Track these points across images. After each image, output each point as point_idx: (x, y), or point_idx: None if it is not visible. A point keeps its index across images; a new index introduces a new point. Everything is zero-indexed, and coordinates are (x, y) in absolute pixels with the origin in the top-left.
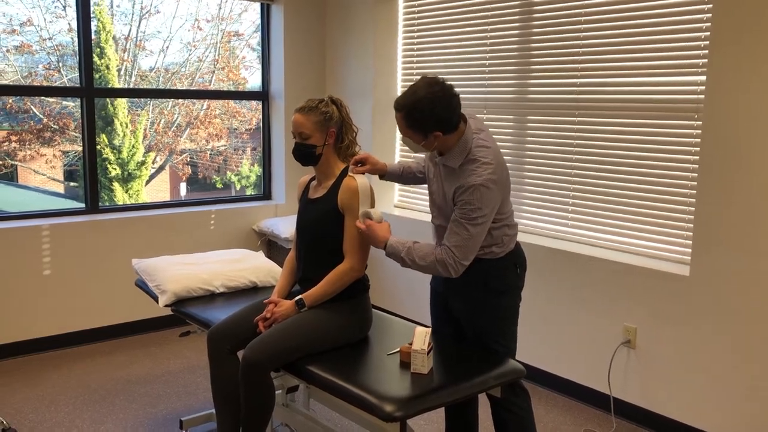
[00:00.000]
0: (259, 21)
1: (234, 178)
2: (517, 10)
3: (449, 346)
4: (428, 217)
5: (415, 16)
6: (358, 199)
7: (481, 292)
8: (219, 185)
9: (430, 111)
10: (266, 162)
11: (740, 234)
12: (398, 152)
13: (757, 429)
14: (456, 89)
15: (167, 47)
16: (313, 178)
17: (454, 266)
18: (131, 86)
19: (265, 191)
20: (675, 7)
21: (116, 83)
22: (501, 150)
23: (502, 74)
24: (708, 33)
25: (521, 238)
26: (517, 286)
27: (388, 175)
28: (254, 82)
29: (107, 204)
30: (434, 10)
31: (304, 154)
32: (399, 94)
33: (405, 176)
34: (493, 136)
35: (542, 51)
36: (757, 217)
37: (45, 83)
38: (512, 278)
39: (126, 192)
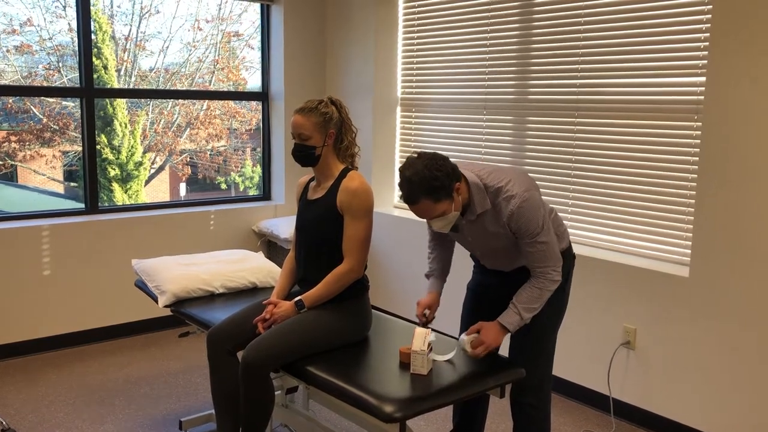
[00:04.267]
0: (259, 21)
1: (238, 179)
2: (517, 10)
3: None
4: None
5: (415, 16)
6: (357, 200)
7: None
8: (223, 186)
9: (437, 169)
10: (266, 162)
11: (740, 235)
12: (398, 151)
13: (757, 430)
14: (456, 90)
15: (167, 47)
16: (312, 179)
17: (557, 272)
18: (131, 86)
19: (264, 192)
20: (675, 8)
21: (114, 83)
22: (500, 150)
23: (501, 74)
24: (707, 34)
25: None
26: (569, 281)
27: (442, 283)
28: (254, 82)
29: (107, 204)
30: (434, 11)
31: (303, 155)
32: (399, 93)
33: (447, 262)
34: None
35: (542, 51)
36: (757, 219)
37: (45, 83)
38: (568, 272)
39: (125, 192)
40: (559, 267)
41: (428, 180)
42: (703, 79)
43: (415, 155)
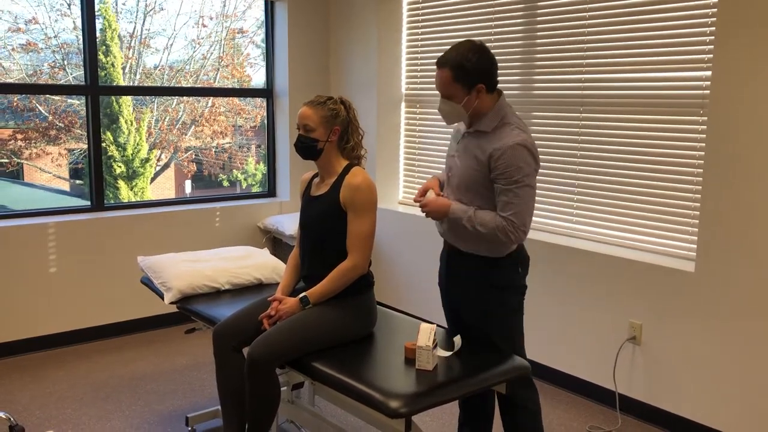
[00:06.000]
0: (263, 18)
1: (240, 176)
2: (522, 5)
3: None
4: None
5: (419, 11)
6: (360, 196)
7: (481, 289)
8: (225, 183)
9: (476, 60)
10: (271, 159)
11: (745, 230)
12: (402, 149)
13: (764, 425)
14: None
15: (171, 45)
16: (315, 175)
17: (515, 233)
18: (136, 84)
19: (269, 188)
20: (680, 1)
21: (121, 81)
22: None
23: (506, 70)
24: (713, 28)
25: None
26: (518, 285)
27: (441, 185)
28: (258, 79)
29: (112, 202)
30: (438, 6)
31: (305, 146)
32: (403, 90)
33: None
34: None
35: (547, 47)
36: (763, 213)
37: (50, 81)
38: (514, 277)
39: (131, 190)
40: (519, 234)
41: (463, 57)
42: (709, 73)
43: (473, 40)
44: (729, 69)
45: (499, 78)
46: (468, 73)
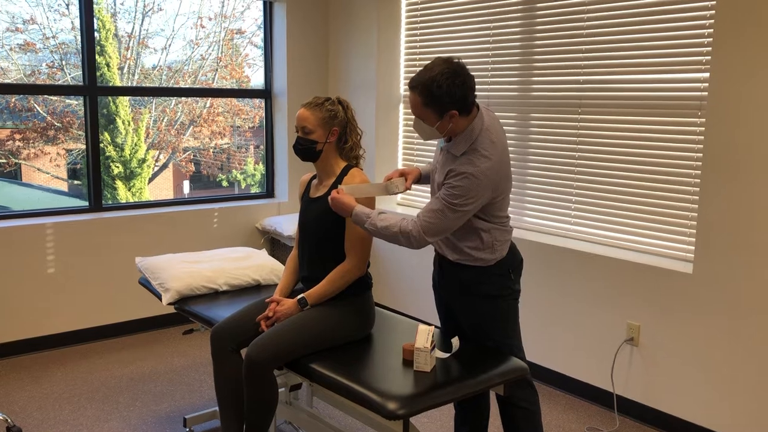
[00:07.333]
0: (261, 18)
1: (239, 177)
2: (520, 6)
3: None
4: None
5: (418, 12)
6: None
7: (474, 297)
8: (224, 184)
9: (447, 86)
10: (269, 160)
11: (744, 231)
12: (401, 149)
13: (761, 427)
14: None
15: (170, 45)
16: (314, 177)
17: (417, 239)
18: (134, 84)
19: (268, 189)
20: (678, 3)
21: (117, 81)
22: None
23: (504, 71)
24: (711, 30)
25: (524, 236)
26: (512, 291)
27: (423, 178)
28: (257, 80)
29: (111, 202)
30: (437, 7)
31: (304, 148)
32: (402, 91)
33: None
34: (505, 134)
35: (545, 48)
36: (761, 215)
37: (48, 81)
38: (506, 284)
39: (129, 190)
40: (420, 240)
41: (432, 82)
42: (707, 75)
43: (456, 61)
44: (727, 71)
45: (498, 79)
46: (438, 100)
